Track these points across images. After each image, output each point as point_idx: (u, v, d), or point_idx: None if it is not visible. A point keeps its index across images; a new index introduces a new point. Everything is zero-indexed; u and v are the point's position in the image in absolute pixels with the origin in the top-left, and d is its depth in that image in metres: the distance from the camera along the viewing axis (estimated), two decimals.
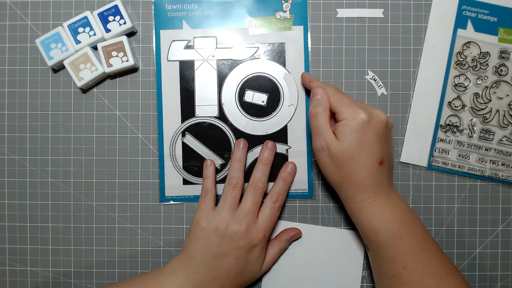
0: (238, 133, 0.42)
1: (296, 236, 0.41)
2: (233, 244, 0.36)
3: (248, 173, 0.41)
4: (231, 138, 0.42)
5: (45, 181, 0.42)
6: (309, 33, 0.42)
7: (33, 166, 0.42)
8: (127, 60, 0.40)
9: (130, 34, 0.42)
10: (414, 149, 0.42)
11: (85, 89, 0.42)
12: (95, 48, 0.41)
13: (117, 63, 0.40)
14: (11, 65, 0.42)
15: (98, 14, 0.40)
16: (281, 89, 0.42)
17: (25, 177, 0.42)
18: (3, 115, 0.42)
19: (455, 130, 0.42)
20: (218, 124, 0.42)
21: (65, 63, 0.40)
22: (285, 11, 0.42)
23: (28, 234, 0.42)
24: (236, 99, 0.42)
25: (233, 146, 0.42)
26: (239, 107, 0.42)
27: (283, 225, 0.42)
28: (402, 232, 0.34)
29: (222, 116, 0.42)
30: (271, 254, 0.40)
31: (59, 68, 0.42)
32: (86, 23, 0.40)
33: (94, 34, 0.40)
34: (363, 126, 0.33)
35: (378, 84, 0.42)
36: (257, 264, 0.38)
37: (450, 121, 0.42)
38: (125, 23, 0.40)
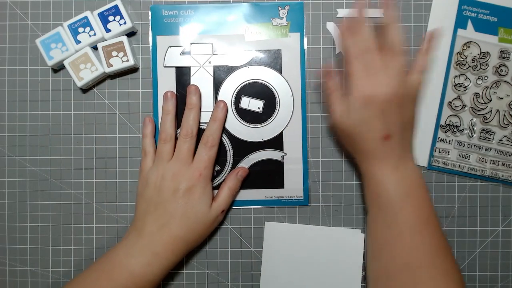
0: (234, 140, 0.42)
1: (243, 173, 0.41)
2: (170, 188, 0.37)
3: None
4: (226, 145, 0.42)
5: (45, 181, 0.42)
6: (305, 40, 0.42)
7: (33, 166, 0.42)
8: (127, 60, 0.40)
9: (130, 34, 0.42)
10: (414, 149, 0.42)
11: (85, 89, 0.42)
12: (95, 48, 0.41)
13: (117, 63, 0.40)
14: (11, 65, 0.42)
15: (98, 14, 0.40)
16: (277, 95, 0.42)
17: (25, 177, 0.42)
18: (3, 115, 0.42)
19: (455, 130, 0.42)
20: None
21: (65, 63, 0.40)
22: (282, 18, 0.42)
23: (28, 234, 0.42)
24: (232, 105, 0.42)
25: (228, 153, 0.42)
26: (235, 114, 0.42)
27: (283, 226, 0.42)
28: (404, 203, 0.35)
29: None
30: (220, 193, 0.40)
31: (59, 68, 0.42)
32: (86, 23, 0.40)
33: (94, 34, 0.40)
34: (366, 103, 0.34)
35: None
36: (202, 204, 0.38)
37: (450, 121, 0.42)
38: (125, 23, 0.40)
